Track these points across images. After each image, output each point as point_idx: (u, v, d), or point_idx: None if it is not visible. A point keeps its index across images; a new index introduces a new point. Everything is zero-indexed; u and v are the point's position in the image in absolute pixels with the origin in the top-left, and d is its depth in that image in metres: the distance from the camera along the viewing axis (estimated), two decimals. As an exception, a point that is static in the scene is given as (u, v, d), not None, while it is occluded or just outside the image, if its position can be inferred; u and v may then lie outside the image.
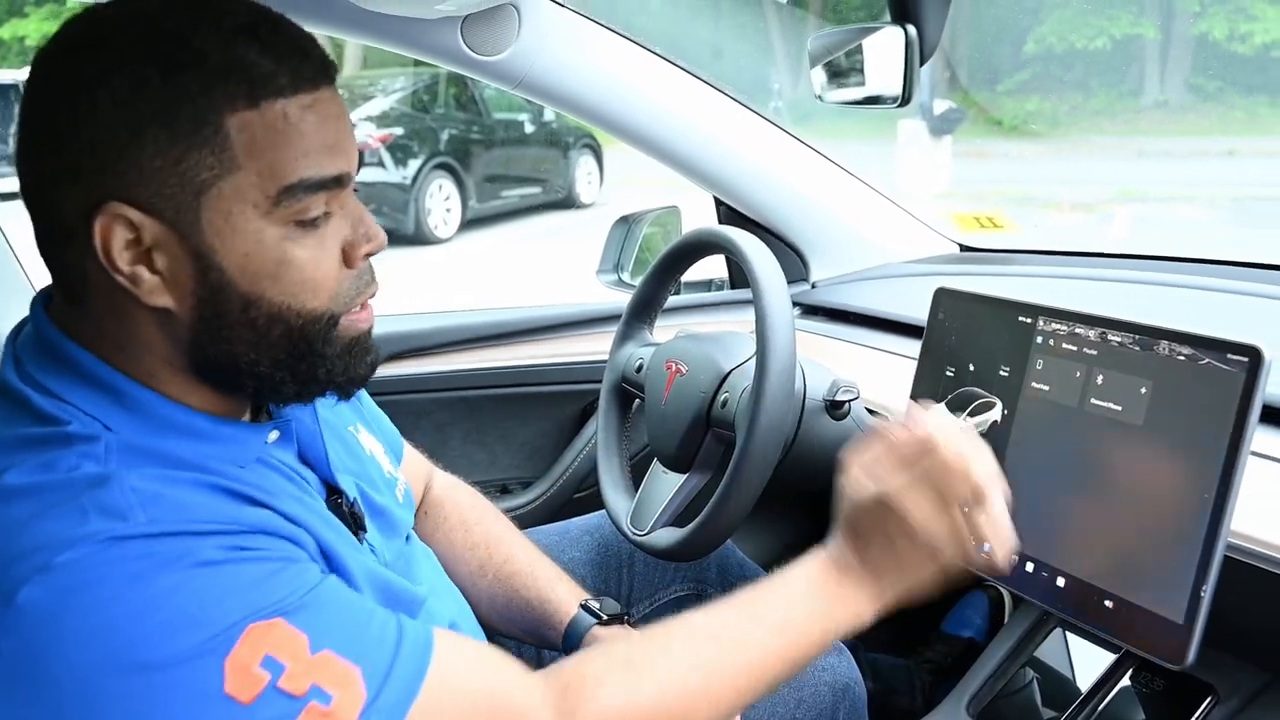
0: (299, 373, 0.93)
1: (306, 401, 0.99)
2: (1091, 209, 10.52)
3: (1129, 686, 1.22)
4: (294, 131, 0.86)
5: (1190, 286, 1.59)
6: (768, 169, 1.96)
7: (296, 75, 0.86)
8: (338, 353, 0.94)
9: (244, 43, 0.84)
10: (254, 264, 0.87)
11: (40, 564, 0.76)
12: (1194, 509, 1.00)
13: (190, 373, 0.91)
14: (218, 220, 0.85)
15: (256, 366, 0.91)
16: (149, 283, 0.86)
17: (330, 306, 0.92)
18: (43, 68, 0.86)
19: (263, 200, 0.86)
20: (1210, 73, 14.07)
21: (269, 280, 0.88)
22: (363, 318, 0.96)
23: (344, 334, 0.94)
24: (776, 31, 14.92)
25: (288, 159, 0.86)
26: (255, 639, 0.78)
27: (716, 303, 2.09)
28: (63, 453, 0.83)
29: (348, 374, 0.96)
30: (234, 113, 0.84)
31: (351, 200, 0.94)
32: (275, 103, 0.85)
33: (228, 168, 0.84)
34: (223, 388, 0.93)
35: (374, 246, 0.94)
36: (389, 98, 10.71)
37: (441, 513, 1.42)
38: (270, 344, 0.90)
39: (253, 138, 0.84)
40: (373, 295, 0.97)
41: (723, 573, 1.64)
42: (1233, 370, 1.00)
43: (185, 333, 0.89)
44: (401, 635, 0.88)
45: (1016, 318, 1.22)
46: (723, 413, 1.40)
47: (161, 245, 0.85)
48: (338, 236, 0.92)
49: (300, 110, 0.86)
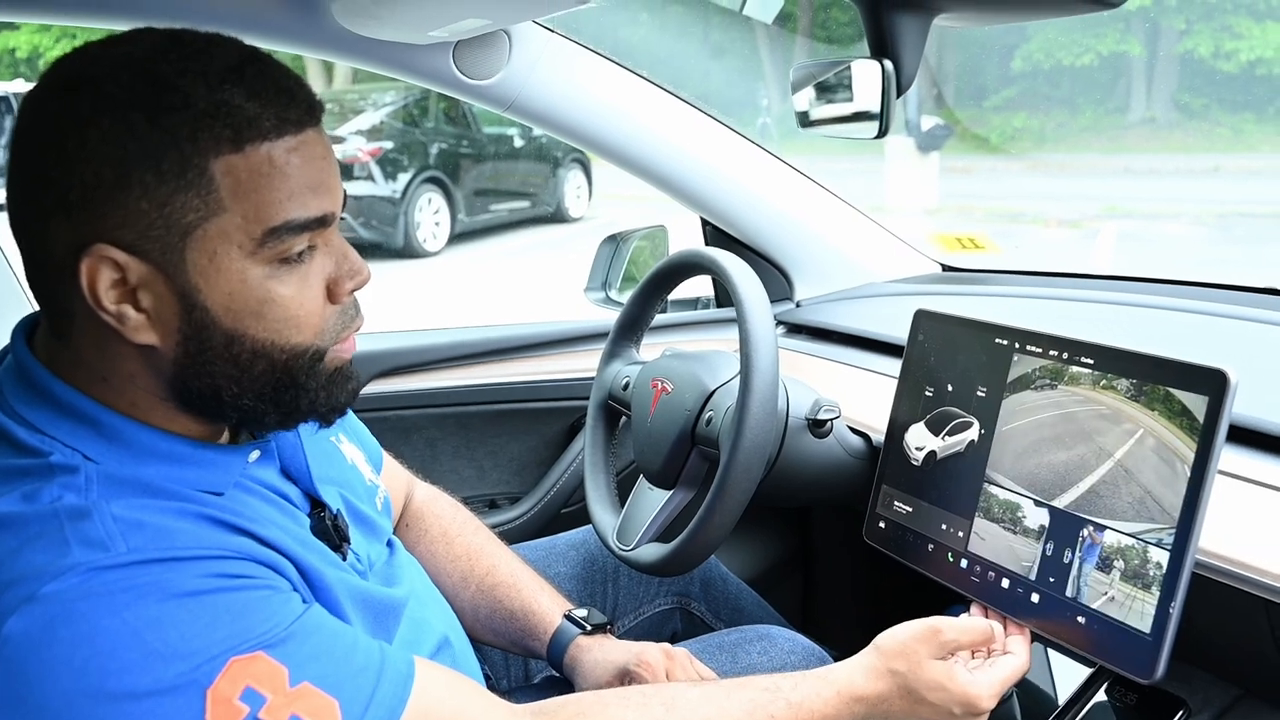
0: (282, 404, 0.94)
1: (289, 429, 0.99)
2: (1078, 225, 10.57)
3: (1104, 701, 1.24)
4: (279, 174, 0.87)
5: (1167, 308, 1.62)
6: (753, 190, 1.99)
7: (281, 118, 0.87)
8: (321, 384, 0.95)
9: (230, 86, 0.85)
10: (238, 303, 0.88)
11: (26, 595, 0.78)
12: (1163, 528, 1.03)
13: (173, 403, 0.92)
14: (202, 261, 0.86)
15: (240, 400, 0.92)
16: (134, 320, 0.87)
17: (315, 342, 0.93)
18: (34, 105, 0.87)
19: (247, 241, 0.87)
20: (1196, 90, 14.16)
21: (253, 318, 0.89)
22: (344, 348, 0.97)
23: (328, 366, 0.95)
24: (765, 48, 14.97)
25: (273, 201, 0.86)
26: (236, 671, 0.80)
27: (702, 321, 2.12)
28: (44, 484, 0.84)
29: (329, 403, 0.97)
30: (219, 156, 0.84)
31: (336, 236, 0.94)
32: (260, 146, 0.86)
33: (213, 210, 0.85)
34: (205, 417, 0.94)
35: (358, 282, 0.95)
36: (379, 112, 10.72)
37: (423, 525, 1.43)
38: (253, 378, 0.91)
39: (238, 181, 0.85)
40: (358, 329, 0.98)
41: (706, 587, 1.66)
42: (1200, 394, 1.03)
43: (170, 367, 0.90)
44: (383, 666, 0.90)
45: (994, 340, 1.25)
46: (707, 431, 1.42)
47: (147, 285, 0.86)
48: (322, 273, 0.93)
49: (285, 153, 0.87)
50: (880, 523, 1.37)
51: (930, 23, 1.11)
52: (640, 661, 1.27)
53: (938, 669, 1.10)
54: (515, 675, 1.52)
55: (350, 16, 1.50)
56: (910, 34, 1.09)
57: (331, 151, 0.93)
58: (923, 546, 1.29)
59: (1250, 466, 1.15)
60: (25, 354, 0.92)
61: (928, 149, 11.79)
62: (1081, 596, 1.09)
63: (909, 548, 1.32)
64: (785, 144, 3.29)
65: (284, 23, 1.59)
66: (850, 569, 2.09)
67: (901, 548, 1.33)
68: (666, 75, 1.89)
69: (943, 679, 1.10)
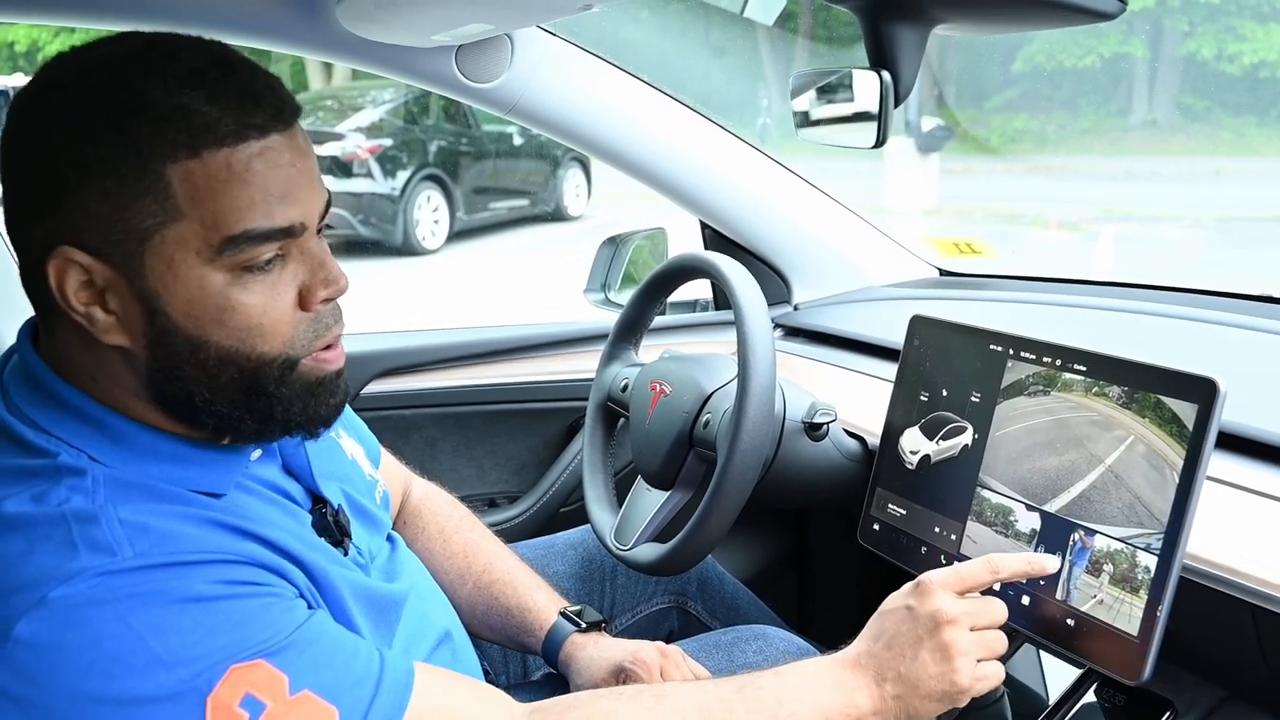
0: (256, 411, 0.93)
1: (268, 441, 0.99)
2: (1077, 228, 10.57)
3: (1093, 701, 1.26)
4: (238, 181, 0.85)
5: (1161, 315, 1.63)
6: (752, 194, 2.01)
7: (243, 124, 0.86)
8: (296, 394, 0.94)
9: (190, 90, 0.85)
10: (197, 309, 0.87)
11: (36, 599, 0.80)
12: (1152, 533, 1.05)
13: (154, 404, 0.92)
14: (160, 266, 0.86)
15: (213, 406, 0.92)
16: (104, 322, 0.88)
17: (285, 350, 0.92)
18: (14, 109, 0.88)
19: (205, 249, 0.86)
20: (1198, 92, 14.15)
21: (214, 325, 0.88)
22: (328, 358, 0.96)
23: (305, 376, 0.94)
24: (766, 48, 14.97)
25: (232, 210, 0.85)
26: (236, 679, 0.82)
27: (701, 323, 2.13)
28: (53, 486, 0.85)
29: (307, 414, 0.96)
30: (175, 161, 0.84)
31: (312, 244, 0.93)
32: (218, 152, 0.85)
33: (171, 216, 0.85)
34: (187, 421, 0.94)
35: (333, 291, 0.93)
36: (379, 109, 10.71)
37: (420, 522, 1.44)
38: (222, 385, 0.91)
39: (195, 187, 0.84)
40: (336, 336, 0.96)
41: (703, 587, 1.68)
42: (1190, 402, 1.05)
43: (144, 370, 0.90)
44: (382, 674, 0.91)
45: (988, 346, 1.26)
46: (705, 433, 1.44)
47: (112, 288, 0.87)
48: (293, 281, 0.92)
49: (247, 159, 0.86)
50: (875, 525, 1.39)
51: (929, 33, 1.12)
52: (635, 659, 1.28)
53: (899, 598, 1.07)
54: (514, 671, 1.54)
55: (354, 20, 1.51)
56: (909, 44, 1.10)
57: (306, 158, 0.91)
58: (916, 549, 1.31)
59: (1240, 473, 1.17)
60: (31, 355, 0.93)
61: (928, 150, 11.79)
62: (1071, 599, 1.11)
63: (903, 550, 1.33)
64: (785, 144, 3.30)
65: (288, 25, 1.61)
66: (845, 570, 2.10)
67: (895, 550, 1.35)
68: (667, 74, 1.90)
69: (905, 600, 1.07)
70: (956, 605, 1.04)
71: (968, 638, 1.04)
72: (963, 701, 1.06)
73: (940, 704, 1.05)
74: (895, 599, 1.08)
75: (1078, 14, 1.03)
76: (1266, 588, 1.02)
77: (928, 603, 1.04)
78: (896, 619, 1.06)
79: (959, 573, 1.07)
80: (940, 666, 1.03)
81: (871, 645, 1.06)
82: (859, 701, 1.03)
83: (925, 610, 1.04)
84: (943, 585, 1.05)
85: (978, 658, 1.04)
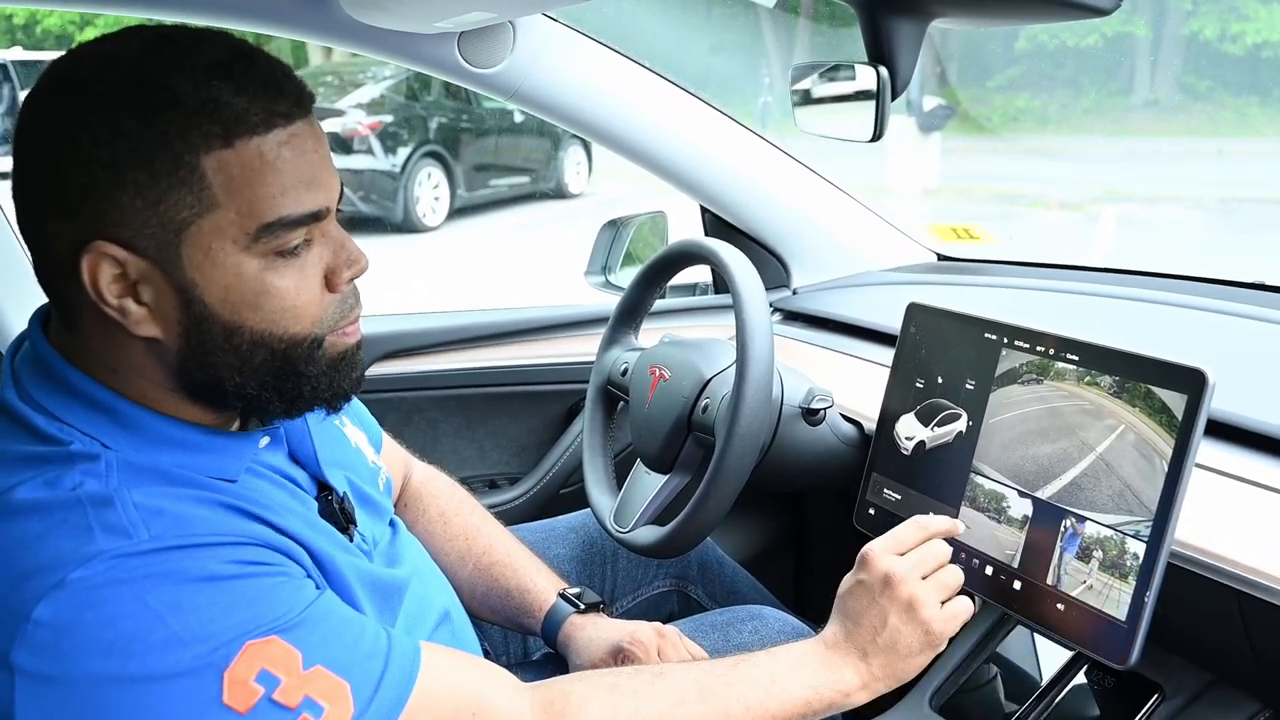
0: (285, 392, 0.96)
1: (294, 417, 1.02)
2: (1079, 208, 10.54)
3: (1084, 683, 1.28)
4: (270, 169, 0.88)
5: (1157, 302, 1.65)
6: (752, 179, 2.02)
7: (270, 111, 0.88)
8: (322, 370, 0.97)
9: (217, 82, 0.86)
10: (234, 295, 0.89)
11: (55, 581, 0.81)
12: (1141, 521, 1.07)
13: (181, 393, 0.94)
14: (198, 256, 0.88)
15: (243, 389, 0.94)
16: (136, 314, 0.89)
17: (314, 330, 0.94)
18: (30, 107, 0.89)
19: (242, 236, 0.88)
20: (1201, 72, 14.08)
21: (250, 310, 0.90)
22: (349, 333, 0.99)
23: (329, 352, 0.97)
24: (768, 28, 14.91)
25: (266, 197, 0.88)
26: (252, 655, 0.84)
27: (700, 307, 2.15)
28: (66, 470, 0.87)
29: (333, 389, 0.99)
30: (209, 152, 0.86)
31: (333, 227, 0.95)
32: (250, 140, 0.87)
33: (206, 206, 0.86)
34: (212, 406, 0.96)
35: (356, 271, 0.96)
36: (379, 85, 10.66)
37: (420, 505, 1.46)
38: (254, 368, 0.93)
39: (230, 177, 0.86)
40: (358, 315, 1.00)
41: (702, 569, 1.70)
42: (1179, 392, 1.06)
43: (174, 359, 0.92)
44: (390, 650, 0.93)
45: (983, 334, 1.28)
46: (703, 417, 1.46)
47: (146, 280, 0.88)
48: (319, 263, 0.94)
49: (276, 146, 0.88)
50: (870, 509, 1.41)
51: (926, 27, 1.13)
52: (633, 640, 1.30)
53: (850, 578, 1.16)
54: (514, 652, 1.56)
55: (357, 6, 1.52)
56: (907, 38, 1.12)
57: (324, 143, 0.93)
58: (911, 533, 1.33)
59: (1228, 461, 1.19)
60: (42, 343, 0.94)
61: (929, 129, 11.75)
62: (1061, 584, 1.13)
63: (897, 534, 1.35)
64: (786, 124, 3.36)
65: (291, 11, 1.61)
66: (841, 552, 2.11)
67: (890, 534, 1.37)
68: (669, 55, 1.91)
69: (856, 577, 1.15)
70: (901, 563, 1.12)
71: (923, 586, 1.11)
72: (943, 645, 1.13)
73: (924, 656, 1.12)
74: (847, 580, 1.15)
75: (1073, 9, 1.04)
76: (1252, 575, 1.04)
77: (876, 570, 1.12)
78: (855, 596, 1.13)
79: (894, 536, 1.15)
80: (910, 624, 1.10)
81: (844, 626, 1.13)
82: (847, 678, 1.10)
83: (876, 577, 1.12)
84: (883, 551, 1.13)
85: (941, 599, 1.12)
